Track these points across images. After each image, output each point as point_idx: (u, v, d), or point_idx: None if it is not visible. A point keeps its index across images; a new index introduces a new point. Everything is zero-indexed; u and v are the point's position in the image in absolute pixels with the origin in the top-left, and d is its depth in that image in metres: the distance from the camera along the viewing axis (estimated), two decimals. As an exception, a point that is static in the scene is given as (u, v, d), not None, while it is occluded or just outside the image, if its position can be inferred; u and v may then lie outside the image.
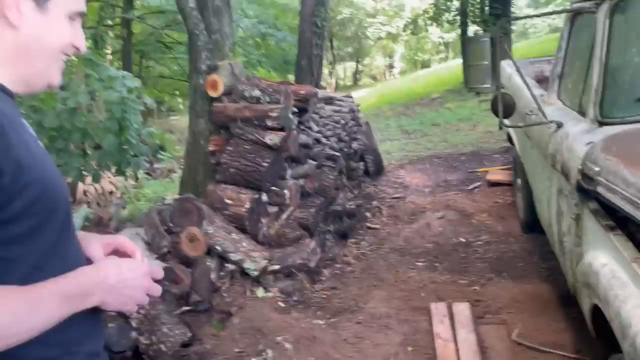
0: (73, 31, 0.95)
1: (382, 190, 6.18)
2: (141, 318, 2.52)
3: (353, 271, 3.99)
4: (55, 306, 0.83)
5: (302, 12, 7.87)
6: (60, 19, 0.92)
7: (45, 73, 0.95)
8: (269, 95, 3.69)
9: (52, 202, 0.87)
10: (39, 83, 0.96)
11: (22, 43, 0.89)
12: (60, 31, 0.93)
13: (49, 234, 0.87)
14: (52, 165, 0.92)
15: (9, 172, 0.78)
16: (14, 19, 0.86)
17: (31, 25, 0.88)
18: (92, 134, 4.94)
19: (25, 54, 0.90)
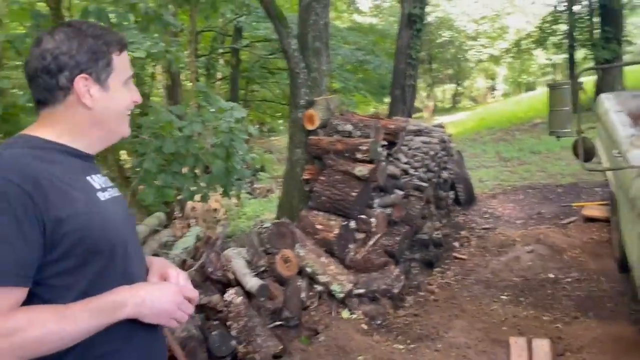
0: (130, 91, 1.23)
1: (472, 220, 6.20)
2: (240, 328, 2.87)
3: (436, 300, 4.11)
4: (86, 319, 1.04)
5: (398, 44, 8.15)
6: (119, 88, 1.20)
7: (117, 130, 1.24)
8: (360, 130, 3.98)
9: (90, 247, 1.08)
10: (114, 138, 1.26)
11: (96, 117, 1.18)
12: (121, 97, 1.21)
13: (92, 268, 1.10)
14: (104, 214, 1.14)
15: (50, 226, 1.02)
16: (88, 103, 1.15)
17: (100, 102, 1.17)
18: (203, 159, 5.53)
19: (99, 123, 1.19)
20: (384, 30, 22.17)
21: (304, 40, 4.50)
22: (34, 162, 1.07)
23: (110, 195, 1.21)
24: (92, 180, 1.18)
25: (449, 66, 36.60)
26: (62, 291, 1.06)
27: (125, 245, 1.18)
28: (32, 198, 1.00)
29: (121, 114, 1.22)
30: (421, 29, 7.93)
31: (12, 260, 0.99)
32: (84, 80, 1.14)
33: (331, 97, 4.48)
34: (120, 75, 1.19)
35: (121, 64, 1.20)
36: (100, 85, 1.16)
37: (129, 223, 1.27)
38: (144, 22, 4.77)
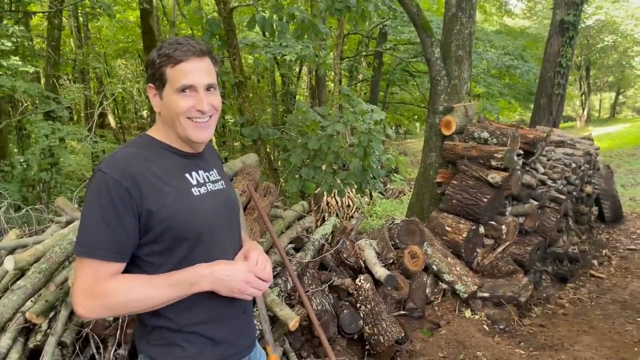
0: (190, 100, 1.35)
1: (616, 239, 5.85)
2: (367, 311, 3.17)
3: (565, 314, 4.04)
4: (165, 289, 1.28)
5: (547, 51, 7.82)
6: (171, 97, 1.34)
7: (183, 133, 1.38)
8: (496, 138, 4.06)
9: (176, 235, 1.31)
10: (185, 140, 1.41)
11: (165, 120, 1.39)
12: (175, 105, 1.34)
13: (179, 251, 1.32)
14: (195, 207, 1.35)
15: (144, 215, 1.27)
16: (155, 108, 1.40)
17: (162, 109, 1.38)
18: (342, 156, 5.94)
19: (169, 125, 1.39)
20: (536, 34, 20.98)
21: (447, 48, 4.66)
22: (139, 161, 1.30)
23: (207, 189, 1.41)
24: (191, 177, 1.39)
25: (609, 73, 33.40)
26: (155, 267, 1.32)
27: (213, 233, 1.38)
28: (129, 192, 1.24)
29: (179, 119, 1.36)
30: (574, 36, 7.53)
31: (112, 241, 1.25)
32: (150, 90, 1.39)
33: (470, 104, 4.59)
34: (172, 86, 1.33)
35: (175, 76, 1.33)
36: (159, 95, 1.37)
37: (226, 213, 1.46)
38: (299, 30, 5.28)
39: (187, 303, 1.33)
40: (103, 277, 1.25)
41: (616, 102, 36.77)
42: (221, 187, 1.47)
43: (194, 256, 1.33)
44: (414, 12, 4.70)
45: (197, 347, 1.36)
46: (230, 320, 1.43)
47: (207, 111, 1.36)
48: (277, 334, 2.77)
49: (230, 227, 1.48)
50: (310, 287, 3.13)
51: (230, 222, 1.48)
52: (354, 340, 3.19)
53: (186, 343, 1.35)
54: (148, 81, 1.38)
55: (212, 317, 1.38)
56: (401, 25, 14.72)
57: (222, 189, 1.47)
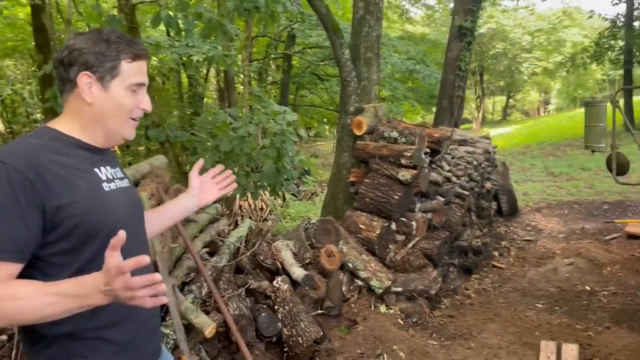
0: (137, 98, 1.30)
1: (514, 232, 6.28)
2: (285, 313, 3.13)
3: (472, 304, 4.26)
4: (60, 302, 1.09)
5: (448, 55, 8.29)
6: (121, 92, 1.27)
7: (118, 131, 1.31)
8: (405, 137, 4.20)
9: (88, 231, 1.20)
10: (116, 138, 1.33)
11: (96, 113, 1.27)
12: (122, 101, 1.28)
13: (88, 250, 1.20)
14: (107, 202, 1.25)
15: (50, 210, 1.14)
16: (87, 98, 1.25)
17: (99, 100, 1.26)
18: (255, 158, 5.86)
19: (99, 120, 1.28)
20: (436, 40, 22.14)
21: (357, 50, 4.76)
22: (44, 153, 1.18)
23: (117, 186, 1.32)
24: (100, 172, 1.29)
25: (500, 78, 36.04)
26: (59, 268, 1.18)
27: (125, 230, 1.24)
28: (33, 185, 1.12)
29: (121, 117, 1.30)
30: (471, 41, 8.04)
31: (10, 238, 1.11)
32: (86, 77, 1.24)
33: (379, 104, 4.72)
34: (126, 81, 1.27)
35: (130, 71, 1.28)
36: (101, 85, 1.26)
37: (134, 211, 1.38)
38: (206, 30, 5.14)
39: None
40: None
41: (507, 105, 39.79)
42: (128, 185, 1.40)
43: (103, 256, 1.15)
44: (324, 13, 4.75)
45: (102, 355, 1.24)
46: (136, 324, 1.32)
47: (148, 111, 1.34)
48: (193, 342, 2.65)
49: (139, 226, 1.41)
50: (226, 292, 3.04)
51: (138, 221, 1.41)
52: (272, 343, 3.14)
53: (89, 351, 1.23)
54: (86, 68, 1.25)
55: (116, 319, 1.26)
56: (309, 28, 14.89)
57: (129, 187, 1.40)
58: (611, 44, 15.96)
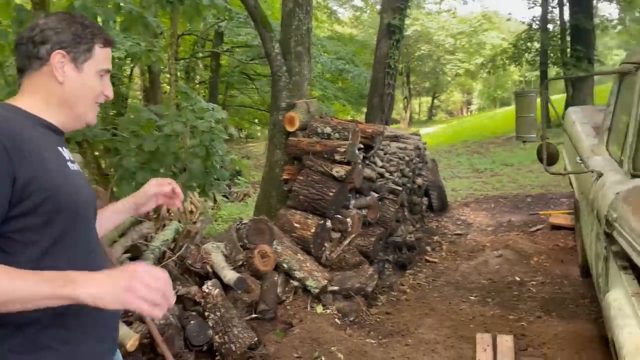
0: (103, 84, 1.31)
1: (444, 226, 6.38)
2: (217, 319, 2.94)
3: (408, 299, 4.24)
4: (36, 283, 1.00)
5: (377, 54, 8.35)
6: (92, 76, 1.28)
7: (84, 114, 1.31)
8: (338, 132, 4.11)
9: (59, 205, 1.14)
10: (81, 122, 1.32)
11: (65, 94, 1.25)
12: (92, 84, 1.28)
13: (56, 228, 1.15)
14: (72, 181, 1.22)
15: (20, 181, 1.07)
16: (59, 77, 1.23)
17: (71, 80, 1.25)
18: (182, 158, 5.58)
19: (69, 101, 1.26)
20: (364, 41, 22.47)
21: (287, 45, 4.62)
22: (14, 122, 1.14)
23: (77, 167, 1.30)
24: (63, 151, 1.27)
25: (426, 79, 37.22)
26: (24, 246, 1.11)
27: (87, 210, 1.27)
28: (7, 152, 1.06)
29: (89, 101, 1.29)
30: (400, 39, 8.14)
31: None
32: (60, 56, 1.23)
33: (311, 100, 4.61)
34: (97, 65, 1.28)
35: (102, 56, 1.29)
36: (75, 65, 1.25)
37: (92, 196, 1.34)
38: (126, 22, 4.82)
39: None
40: None
41: (432, 105, 41.15)
42: (80, 169, 1.35)
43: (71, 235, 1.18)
44: (252, 5, 4.57)
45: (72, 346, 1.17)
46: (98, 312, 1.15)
47: (110, 98, 1.35)
48: (113, 357, 2.40)
49: (95, 210, 1.36)
50: (151, 300, 2.79)
51: (94, 205, 1.36)
52: (203, 352, 2.93)
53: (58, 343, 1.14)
54: (61, 47, 1.23)
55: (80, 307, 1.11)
56: (237, 26, 14.60)
57: (81, 172, 1.36)
58: (528, 46, 16.82)
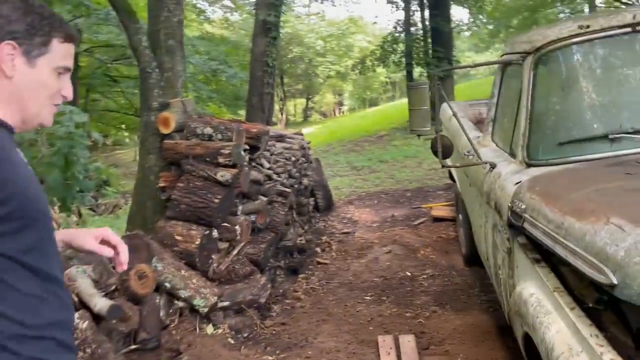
0: (60, 83, 1.18)
1: (332, 226, 6.30)
2: (88, 357, 2.47)
3: (303, 306, 4.03)
4: None
5: (254, 51, 8.06)
6: (47, 72, 1.15)
7: (37, 115, 1.16)
8: (221, 133, 3.77)
9: (33, 211, 1.07)
10: (33, 122, 1.18)
11: (15, 90, 1.12)
12: (46, 81, 1.15)
13: (32, 234, 1.07)
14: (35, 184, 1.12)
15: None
16: (7, 71, 1.09)
17: (21, 75, 1.11)
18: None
19: (18, 98, 1.13)
20: (237, 41, 22.05)
21: (156, 38, 4.15)
22: None
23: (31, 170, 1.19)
24: (20, 153, 1.15)
25: (299, 81, 37.73)
26: None
27: (48, 221, 1.17)
28: None
29: (43, 99, 1.17)
30: (276, 37, 7.94)
31: None
32: (10, 48, 1.10)
33: (187, 99, 4.20)
34: (54, 61, 1.16)
35: (60, 52, 1.17)
36: (27, 59, 1.13)
37: None
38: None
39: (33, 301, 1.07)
40: None
41: (307, 107, 41.87)
42: None
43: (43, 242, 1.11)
44: (112, -8, 4.05)
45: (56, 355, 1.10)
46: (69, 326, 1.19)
47: (69, 99, 1.24)
48: None
49: None
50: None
51: None
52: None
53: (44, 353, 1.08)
54: (12, 38, 1.10)
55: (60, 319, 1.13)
56: (97, 24, 13.44)
57: None
58: (394, 48, 17.64)
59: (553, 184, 1.84)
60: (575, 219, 1.41)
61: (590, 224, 1.33)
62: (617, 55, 2.18)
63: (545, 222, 1.61)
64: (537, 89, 2.33)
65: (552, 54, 2.31)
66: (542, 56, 2.33)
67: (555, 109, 2.27)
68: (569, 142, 2.18)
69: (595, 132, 2.12)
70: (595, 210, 1.37)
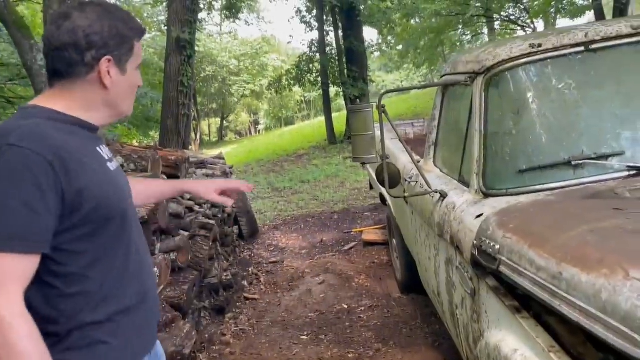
0: (138, 75, 1.30)
1: (258, 255, 5.92)
2: None
3: (233, 352, 3.62)
4: None
5: (167, 71, 7.53)
6: (132, 72, 1.26)
7: (124, 110, 1.30)
8: (134, 162, 3.32)
9: (105, 214, 1.18)
10: (120, 117, 1.32)
11: (110, 97, 1.23)
12: (134, 82, 1.28)
13: (105, 235, 1.19)
14: (116, 184, 1.24)
15: (69, 195, 1.10)
16: (107, 83, 1.21)
17: (117, 84, 1.23)
18: None
19: (111, 103, 1.25)
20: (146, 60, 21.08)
21: (53, 54, 3.64)
22: (55, 133, 1.12)
23: (115, 165, 1.31)
24: (101, 151, 1.27)
25: (213, 100, 36.95)
26: (75, 256, 1.15)
27: (128, 211, 1.27)
28: (53, 168, 1.07)
29: (132, 97, 1.31)
30: (192, 55, 7.47)
31: (40, 228, 1.06)
32: (107, 62, 1.20)
33: (93, 124, 3.70)
34: (136, 61, 1.27)
35: (138, 50, 1.27)
36: (119, 69, 1.23)
37: (130, 192, 1.35)
38: None
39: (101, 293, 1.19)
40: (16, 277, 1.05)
41: (222, 126, 41.03)
42: (119, 164, 1.43)
43: (118, 240, 1.24)
44: None
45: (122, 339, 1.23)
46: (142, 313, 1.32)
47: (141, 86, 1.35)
48: None
49: (134, 207, 1.41)
50: None
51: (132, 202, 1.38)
52: None
53: (111, 337, 1.21)
54: (107, 52, 1.20)
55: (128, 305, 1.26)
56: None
57: (120, 166, 1.39)
58: (310, 67, 17.67)
59: (530, 221, 1.64)
60: (578, 270, 1.20)
61: (603, 278, 1.11)
62: (573, 76, 2.06)
63: (533, 270, 1.39)
64: (491, 111, 2.16)
65: (505, 74, 2.15)
66: (494, 76, 2.17)
67: (512, 134, 2.11)
68: (529, 170, 2.01)
69: (556, 158, 1.96)
70: (603, 260, 1.16)
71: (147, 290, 1.33)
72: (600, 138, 1.96)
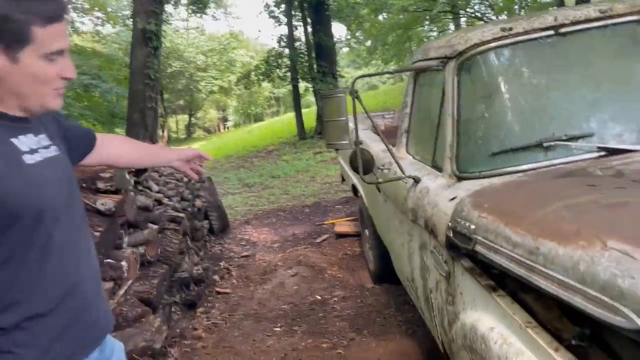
0: (57, 66, 1.15)
1: (230, 249, 5.85)
2: None
3: (205, 346, 3.56)
4: None
5: (132, 64, 7.34)
6: (35, 61, 1.11)
7: (40, 102, 1.17)
8: (99, 154, 3.21)
9: (13, 211, 1.07)
10: (38, 110, 1.19)
11: (7, 87, 1.12)
12: (39, 72, 1.13)
13: (15, 234, 1.09)
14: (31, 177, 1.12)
15: None
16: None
17: (8, 74, 1.10)
18: None
19: (14, 93, 1.13)
20: (110, 54, 20.60)
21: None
22: None
23: (42, 157, 1.19)
24: (20, 141, 1.15)
25: (180, 97, 36.39)
26: None
27: (54, 209, 1.17)
28: None
29: (40, 89, 1.15)
30: (158, 47, 7.31)
31: None
32: None
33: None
34: (41, 49, 1.12)
35: (46, 37, 1.11)
36: (7, 57, 1.09)
37: (67, 184, 1.25)
38: None
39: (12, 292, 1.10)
40: None
41: (190, 123, 40.49)
42: (56, 153, 1.25)
43: (32, 240, 1.12)
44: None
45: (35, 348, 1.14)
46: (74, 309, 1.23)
47: (73, 79, 1.20)
48: None
49: (74, 201, 1.28)
50: None
51: (73, 195, 1.28)
52: None
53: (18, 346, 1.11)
54: None
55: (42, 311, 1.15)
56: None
57: (57, 155, 1.25)
58: (279, 62, 17.56)
59: (505, 200, 1.64)
60: (555, 244, 1.20)
61: (581, 250, 1.11)
62: (544, 59, 2.08)
63: (509, 247, 1.39)
64: (463, 96, 2.17)
65: (477, 58, 2.16)
66: (466, 60, 2.17)
67: (485, 117, 2.12)
68: (502, 152, 2.02)
69: (528, 140, 1.98)
70: (580, 233, 1.16)
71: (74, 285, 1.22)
72: (571, 120, 1.98)
